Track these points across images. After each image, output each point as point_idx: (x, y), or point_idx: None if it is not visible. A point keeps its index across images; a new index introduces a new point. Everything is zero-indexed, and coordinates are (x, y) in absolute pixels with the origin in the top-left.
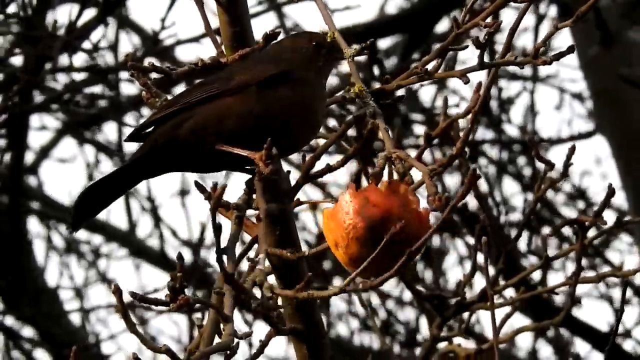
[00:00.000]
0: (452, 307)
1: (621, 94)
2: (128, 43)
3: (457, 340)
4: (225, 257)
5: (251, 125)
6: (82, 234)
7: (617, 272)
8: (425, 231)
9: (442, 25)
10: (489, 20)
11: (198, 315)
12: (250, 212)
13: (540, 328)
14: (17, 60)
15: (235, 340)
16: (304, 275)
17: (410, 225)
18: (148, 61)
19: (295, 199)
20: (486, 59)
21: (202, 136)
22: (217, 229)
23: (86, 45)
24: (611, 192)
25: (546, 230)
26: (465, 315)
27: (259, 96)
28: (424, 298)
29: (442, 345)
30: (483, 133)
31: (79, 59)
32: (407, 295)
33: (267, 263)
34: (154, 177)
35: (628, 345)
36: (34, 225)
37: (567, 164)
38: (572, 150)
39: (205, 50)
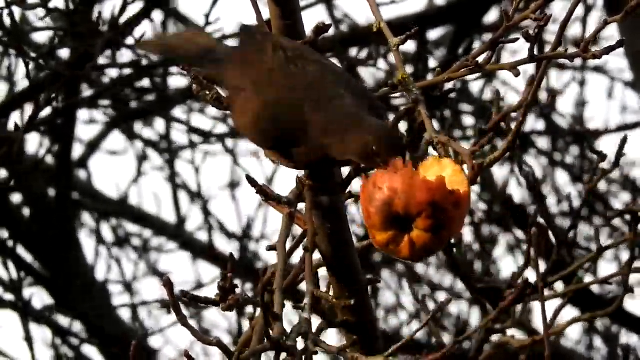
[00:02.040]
0: (506, 298)
1: None
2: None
3: (510, 333)
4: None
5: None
6: (132, 228)
7: None
8: (451, 199)
9: (491, 16)
10: (538, 13)
11: (249, 308)
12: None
13: (593, 319)
14: (64, 54)
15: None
16: (355, 266)
17: (417, 196)
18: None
19: (346, 191)
20: (535, 51)
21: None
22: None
23: (130, 41)
24: None
25: (597, 221)
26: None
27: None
28: (478, 291)
29: (495, 337)
30: (533, 124)
31: (125, 55)
32: (459, 286)
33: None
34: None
35: None
36: (83, 219)
37: (620, 154)
38: (624, 140)
39: None
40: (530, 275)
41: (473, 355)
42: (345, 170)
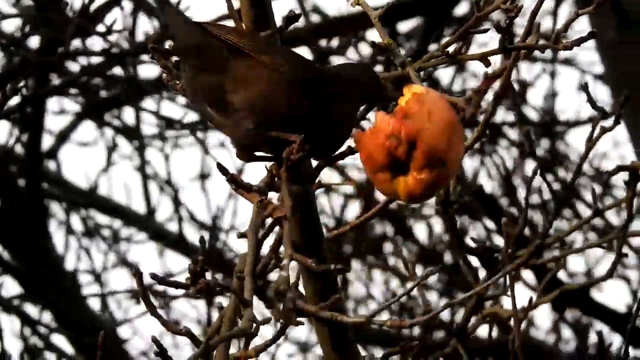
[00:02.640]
0: (499, 263)
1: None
2: (145, 26)
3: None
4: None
5: (300, 116)
6: (101, 218)
7: None
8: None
9: (461, 9)
10: (509, 4)
11: (219, 299)
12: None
13: (562, 301)
14: (33, 43)
15: (255, 325)
16: (325, 256)
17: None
18: (168, 43)
19: (316, 181)
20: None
21: (249, 113)
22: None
23: (101, 28)
24: None
25: (567, 213)
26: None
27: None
28: (472, 251)
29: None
30: (504, 115)
31: (95, 42)
32: (430, 279)
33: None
34: None
35: None
36: (53, 209)
37: (619, 114)
38: (626, 99)
39: None
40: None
41: (462, 324)
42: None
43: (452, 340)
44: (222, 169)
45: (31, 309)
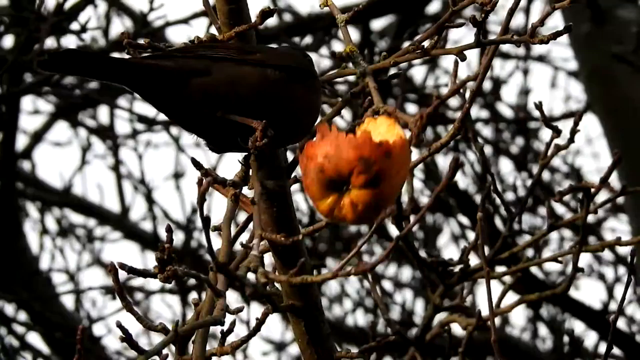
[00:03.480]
0: (455, 275)
1: (613, 72)
2: (119, 25)
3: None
4: (217, 244)
5: (259, 102)
6: (76, 218)
7: (619, 241)
8: (379, 151)
9: (434, 7)
10: None
11: (194, 296)
12: (246, 189)
13: (540, 300)
14: (7, 42)
15: (228, 315)
16: (301, 252)
17: (345, 155)
18: (144, 39)
19: (292, 176)
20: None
21: (211, 96)
22: (206, 220)
23: (75, 26)
24: (618, 158)
25: (542, 210)
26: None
27: (276, 79)
28: (427, 265)
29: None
30: (477, 112)
31: (70, 41)
32: (404, 276)
33: (263, 243)
34: (138, 93)
35: (621, 324)
36: (27, 208)
37: (574, 130)
38: (580, 116)
39: (195, 32)
40: (475, 260)
41: (419, 334)
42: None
43: (410, 348)
44: (196, 163)
45: (7, 308)
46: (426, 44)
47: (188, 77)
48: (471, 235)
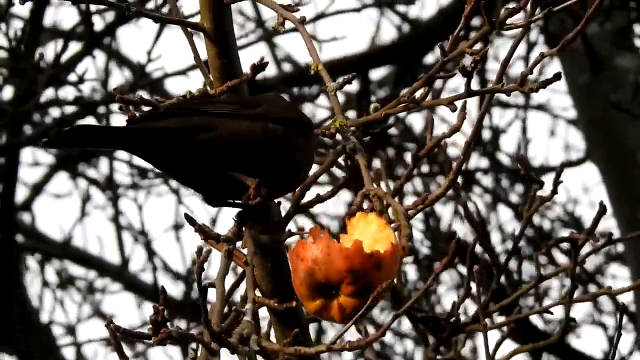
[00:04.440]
0: (446, 329)
1: (612, 121)
2: (117, 75)
3: None
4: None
5: (263, 156)
6: (76, 270)
7: (610, 290)
8: (370, 263)
9: (433, 56)
10: (476, 47)
11: (193, 346)
12: (240, 244)
13: (535, 350)
14: (6, 94)
15: None
16: (298, 311)
17: (335, 265)
18: (137, 94)
19: (286, 230)
20: (476, 87)
21: (215, 152)
22: (203, 290)
23: (72, 77)
24: (602, 209)
25: (542, 259)
26: (460, 339)
27: (278, 133)
28: (418, 320)
29: None
30: (477, 162)
31: (68, 92)
32: (404, 327)
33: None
34: (138, 154)
35: None
36: (27, 261)
37: (557, 182)
38: (562, 168)
39: (193, 83)
40: (472, 308)
41: None
42: (284, 210)
43: None
44: (190, 219)
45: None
46: (418, 94)
47: (192, 135)
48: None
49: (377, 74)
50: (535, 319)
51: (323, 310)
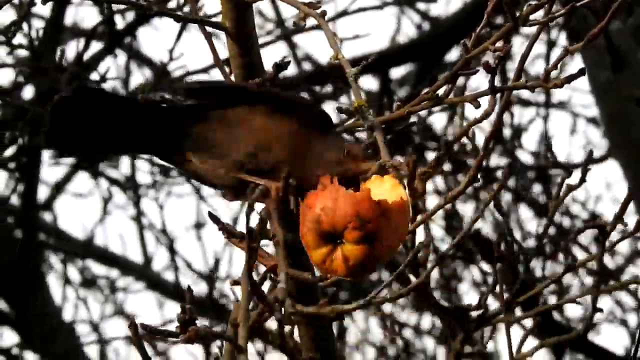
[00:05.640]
0: (474, 321)
1: (634, 118)
2: (139, 75)
3: None
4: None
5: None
6: (98, 269)
7: (638, 279)
8: (377, 210)
9: (454, 54)
10: (498, 44)
11: (217, 345)
12: (263, 242)
13: (559, 344)
14: (27, 93)
15: None
16: (318, 301)
17: (342, 209)
18: (158, 94)
19: None
20: (498, 84)
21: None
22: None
23: (94, 76)
24: (630, 195)
25: (561, 256)
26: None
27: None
28: (445, 311)
29: None
30: (497, 160)
31: None
32: (425, 323)
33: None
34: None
35: None
36: (50, 260)
37: (585, 170)
38: (589, 156)
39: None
40: (493, 304)
41: None
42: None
43: None
44: (214, 218)
45: (30, 358)
46: (441, 91)
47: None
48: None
49: (397, 72)
50: (556, 317)
51: (327, 260)
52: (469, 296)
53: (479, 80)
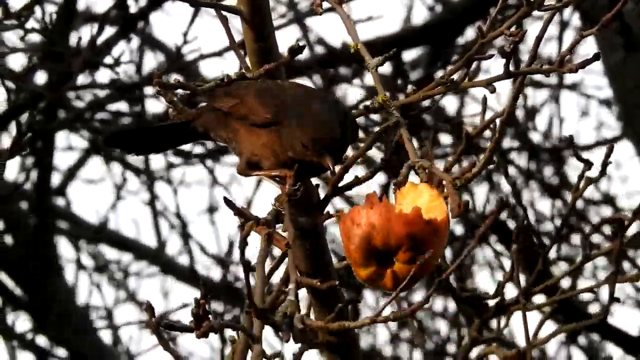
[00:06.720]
0: (491, 309)
1: None
2: (152, 59)
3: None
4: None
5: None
6: (111, 253)
7: None
8: (428, 230)
9: (466, 37)
10: (513, 29)
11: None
12: (280, 227)
13: (578, 329)
14: (40, 79)
15: None
16: (337, 292)
17: (395, 230)
18: (174, 78)
19: (324, 211)
20: (511, 68)
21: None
22: (246, 265)
23: (108, 60)
24: None
25: (576, 238)
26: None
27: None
28: (463, 300)
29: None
30: (510, 142)
31: (103, 76)
32: (437, 306)
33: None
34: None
35: None
36: (63, 245)
37: (606, 163)
38: (610, 149)
39: (228, 65)
40: (512, 291)
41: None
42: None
43: None
44: (229, 203)
45: (44, 343)
46: (456, 76)
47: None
48: (506, 262)
49: (410, 55)
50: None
51: (376, 278)
52: (481, 276)
53: (489, 63)
